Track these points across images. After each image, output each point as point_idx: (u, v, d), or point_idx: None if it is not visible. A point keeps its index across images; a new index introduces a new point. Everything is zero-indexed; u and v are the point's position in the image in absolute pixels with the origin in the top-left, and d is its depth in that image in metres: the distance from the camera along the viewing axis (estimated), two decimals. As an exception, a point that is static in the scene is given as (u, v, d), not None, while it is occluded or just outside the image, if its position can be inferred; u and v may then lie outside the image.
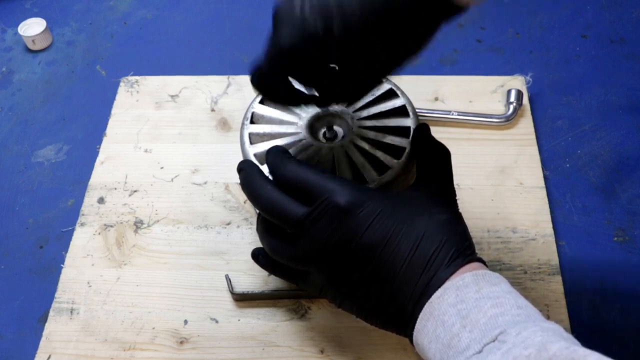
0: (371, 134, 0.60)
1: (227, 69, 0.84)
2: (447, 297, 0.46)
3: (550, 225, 0.68)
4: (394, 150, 0.59)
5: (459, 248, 0.49)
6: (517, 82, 0.79)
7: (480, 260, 0.50)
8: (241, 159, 0.62)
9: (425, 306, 0.47)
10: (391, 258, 0.48)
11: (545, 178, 0.72)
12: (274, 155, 0.54)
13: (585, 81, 0.82)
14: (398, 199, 0.51)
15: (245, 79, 0.82)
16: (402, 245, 0.48)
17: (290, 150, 0.59)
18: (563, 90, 0.81)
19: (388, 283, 0.48)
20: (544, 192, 0.70)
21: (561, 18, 0.89)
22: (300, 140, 0.60)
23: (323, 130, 0.62)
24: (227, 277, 0.64)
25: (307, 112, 0.62)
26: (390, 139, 0.59)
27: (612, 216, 0.69)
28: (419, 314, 0.47)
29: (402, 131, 0.60)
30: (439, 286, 0.47)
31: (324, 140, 0.61)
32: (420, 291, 0.47)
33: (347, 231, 0.49)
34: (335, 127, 0.62)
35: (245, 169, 0.54)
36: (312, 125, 0.62)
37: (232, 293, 0.63)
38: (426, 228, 0.49)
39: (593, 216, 0.69)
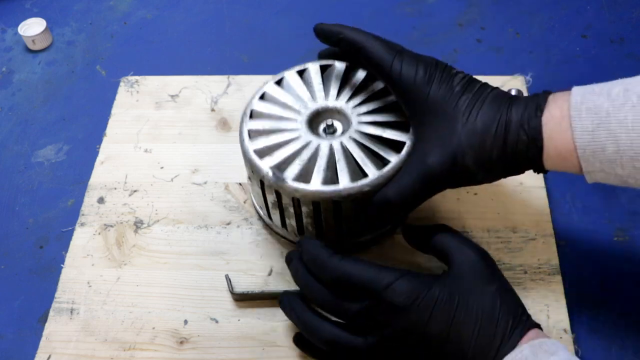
0: (371, 129, 0.60)
1: (227, 69, 0.84)
2: None
3: (550, 225, 0.68)
4: (394, 145, 0.59)
5: (515, 317, 0.50)
6: (517, 82, 0.79)
7: (537, 325, 0.51)
8: (241, 157, 0.62)
9: None
10: (457, 346, 0.49)
11: (545, 178, 0.72)
12: (312, 252, 0.55)
13: (585, 81, 0.80)
14: (448, 283, 0.51)
15: (245, 79, 0.82)
16: (465, 329, 0.49)
17: (290, 147, 0.59)
18: (563, 90, 0.80)
19: None
20: (544, 192, 0.70)
21: (561, 18, 0.89)
22: (299, 137, 0.60)
23: (323, 125, 0.62)
24: (227, 277, 0.64)
25: (307, 108, 0.62)
26: (390, 134, 0.59)
27: (612, 216, 0.69)
28: None
29: (401, 125, 0.60)
30: None
31: (324, 135, 0.61)
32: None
33: (409, 326, 0.50)
34: (335, 123, 0.62)
35: (286, 304, 0.57)
36: (312, 121, 0.62)
37: (232, 293, 0.63)
38: (483, 306, 0.50)
39: (593, 216, 0.69)
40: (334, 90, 0.63)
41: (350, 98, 0.62)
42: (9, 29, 0.93)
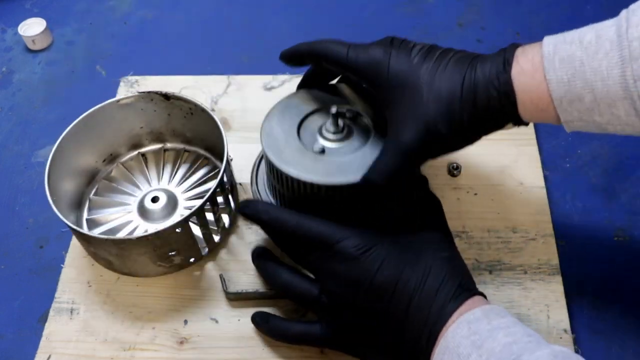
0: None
1: (227, 69, 0.84)
2: (460, 330, 0.47)
3: (550, 225, 0.68)
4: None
5: (462, 283, 0.51)
6: (517, 82, 0.79)
7: (482, 294, 0.52)
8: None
9: (440, 340, 0.48)
10: (402, 297, 0.50)
11: (545, 178, 0.72)
12: (272, 212, 0.57)
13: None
14: (401, 242, 0.53)
15: (245, 79, 0.82)
16: (410, 283, 0.50)
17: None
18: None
19: (400, 321, 0.50)
20: (544, 192, 0.70)
21: (561, 18, 0.89)
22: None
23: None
24: (221, 276, 0.64)
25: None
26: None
27: (612, 216, 0.69)
28: (432, 348, 0.49)
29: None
30: (447, 319, 0.49)
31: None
32: (432, 325, 0.49)
33: (359, 275, 0.52)
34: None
35: (259, 255, 0.60)
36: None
37: (227, 293, 0.63)
38: (431, 265, 0.51)
39: (593, 216, 0.69)
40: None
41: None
42: (9, 29, 0.93)
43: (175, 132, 0.73)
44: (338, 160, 0.59)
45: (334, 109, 0.59)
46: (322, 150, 0.60)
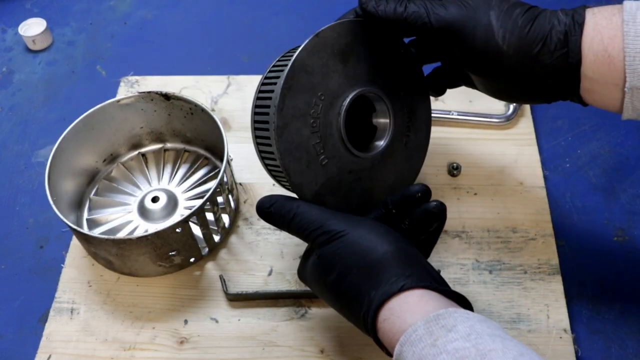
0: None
1: (227, 69, 0.84)
2: (405, 355, 0.44)
3: (550, 225, 0.68)
4: None
5: (402, 275, 0.48)
6: (517, 82, 0.79)
7: (433, 287, 0.48)
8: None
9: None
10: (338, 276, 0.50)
11: (545, 178, 0.72)
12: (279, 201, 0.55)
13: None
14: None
15: (245, 79, 0.82)
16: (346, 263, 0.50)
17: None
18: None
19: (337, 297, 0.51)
20: (544, 192, 0.70)
21: (561, 18, 0.89)
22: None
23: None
24: (221, 277, 0.64)
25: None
26: None
27: (612, 216, 0.69)
28: (375, 324, 0.48)
29: None
30: (377, 310, 0.47)
31: None
32: (367, 306, 0.48)
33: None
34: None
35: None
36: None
37: (226, 293, 0.63)
38: (372, 255, 0.49)
39: (593, 216, 0.69)
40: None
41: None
42: (9, 29, 0.93)
43: (175, 132, 0.73)
44: None
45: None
46: None
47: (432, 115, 0.76)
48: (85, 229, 0.67)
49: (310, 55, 0.54)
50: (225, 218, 0.68)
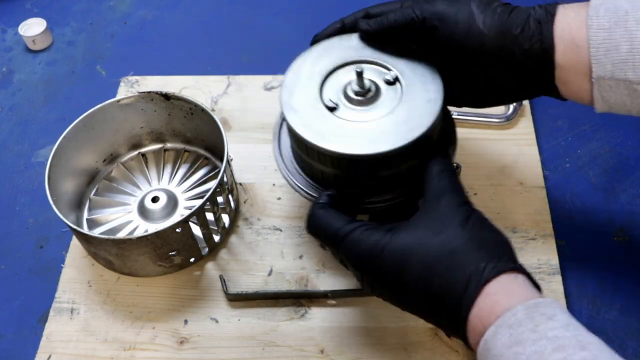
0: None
1: (227, 69, 0.84)
2: (500, 336, 0.43)
3: (550, 225, 0.68)
4: None
5: (494, 254, 0.47)
6: (517, 82, 0.79)
7: (524, 271, 0.48)
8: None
9: (481, 344, 0.45)
10: (416, 267, 0.48)
11: (545, 178, 0.72)
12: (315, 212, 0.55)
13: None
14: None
15: (245, 79, 0.82)
16: (431, 251, 0.48)
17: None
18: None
19: (422, 288, 0.48)
20: (544, 192, 0.70)
21: (561, 18, 0.89)
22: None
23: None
24: (221, 277, 0.64)
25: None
26: None
27: (612, 216, 0.69)
28: (465, 326, 0.46)
29: None
30: (474, 294, 0.46)
31: None
32: (460, 294, 0.46)
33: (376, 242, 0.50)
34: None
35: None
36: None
37: (227, 293, 0.63)
38: (455, 243, 0.48)
39: (593, 216, 0.69)
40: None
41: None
42: (9, 29, 0.93)
43: (175, 132, 0.73)
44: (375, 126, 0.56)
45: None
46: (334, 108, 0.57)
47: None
48: (85, 229, 0.67)
49: None
50: (225, 218, 0.68)
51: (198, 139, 0.73)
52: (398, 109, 0.56)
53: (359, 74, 0.56)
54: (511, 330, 0.43)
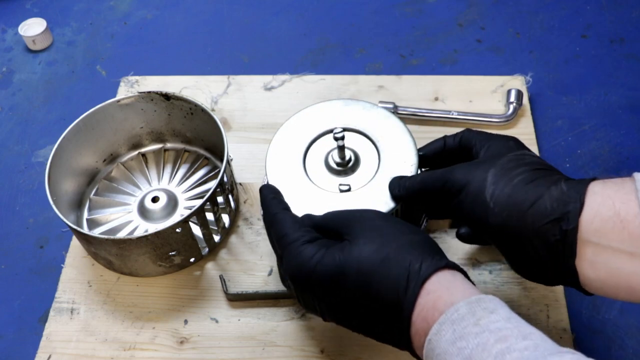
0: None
1: (227, 69, 0.84)
2: (444, 333, 0.43)
3: (550, 225, 0.67)
4: None
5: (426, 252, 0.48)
6: (517, 82, 0.79)
7: (457, 267, 0.48)
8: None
9: (425, 345, 0.45)
10: (356, 276, 0.48)
11: (545, 178, 0.71)
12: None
13: (585, 81, 0.82)
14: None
15: (245, 79, 0.82)
16: (364, 263, 0.48)
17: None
18: (563, 90, 0.81)
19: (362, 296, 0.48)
20: (544, 192, 0.70)
21: (561, 18, 0.89)
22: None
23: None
24: (221, 277, 0.64)
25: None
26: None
27: (612, 216, 0.69)
28: (409, 330, 0.46)
29: None
30: (414, 297, 0.46)
31: None
32: (398, 306, 0.47)
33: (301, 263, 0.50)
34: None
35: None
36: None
37: (226, 293, 0.63)
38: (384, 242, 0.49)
39: (593, 216, 0.69)
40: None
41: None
42: (9, 29, 0.93)
43: (175, 132, 0.73)
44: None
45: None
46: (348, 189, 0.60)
47: (432, 115, 0.76)
48: (85, 229, 0.67)
49: None
50: (225, 218, 0.68)
51: (198, 139, 0.73)
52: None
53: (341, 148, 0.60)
54: (454, 326, 0.43)
